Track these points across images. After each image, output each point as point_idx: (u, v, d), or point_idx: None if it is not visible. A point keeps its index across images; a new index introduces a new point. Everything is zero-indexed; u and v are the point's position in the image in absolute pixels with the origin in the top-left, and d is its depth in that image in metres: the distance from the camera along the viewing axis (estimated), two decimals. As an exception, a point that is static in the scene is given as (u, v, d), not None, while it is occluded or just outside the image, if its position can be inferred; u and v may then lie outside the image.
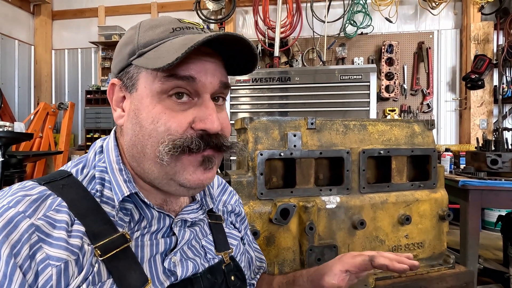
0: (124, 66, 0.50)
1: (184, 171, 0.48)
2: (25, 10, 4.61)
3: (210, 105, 0.49)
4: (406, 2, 4.04)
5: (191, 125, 0.47)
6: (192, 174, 0.49)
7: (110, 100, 0.53)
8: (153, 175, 0.49)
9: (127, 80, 0.50)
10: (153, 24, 0.50)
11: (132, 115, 0.49)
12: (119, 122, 0.52)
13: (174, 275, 0.51)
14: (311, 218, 1.07)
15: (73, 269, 0.42)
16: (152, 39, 0.48)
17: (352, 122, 1.22)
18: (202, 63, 0.48)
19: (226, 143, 0.51)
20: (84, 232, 0.44)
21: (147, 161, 0.48)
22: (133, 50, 0.49)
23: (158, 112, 0.46)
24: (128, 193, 0.48)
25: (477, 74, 3.45)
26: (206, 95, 0.49)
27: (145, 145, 0.47)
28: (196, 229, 0.58)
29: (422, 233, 1.23)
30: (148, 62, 0.46)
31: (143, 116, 0.47)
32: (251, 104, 3.25)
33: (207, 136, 0.48)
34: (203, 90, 0.48)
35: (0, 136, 2.29)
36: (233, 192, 0.76)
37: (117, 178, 0.50)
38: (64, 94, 4.86)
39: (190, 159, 0.48)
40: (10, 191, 0.45)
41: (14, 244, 0.39)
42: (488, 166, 1.83)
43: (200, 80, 0.47)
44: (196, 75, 0.47)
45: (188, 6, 4.35)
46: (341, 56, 3.97)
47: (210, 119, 0.48)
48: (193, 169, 0.49)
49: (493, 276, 2.18)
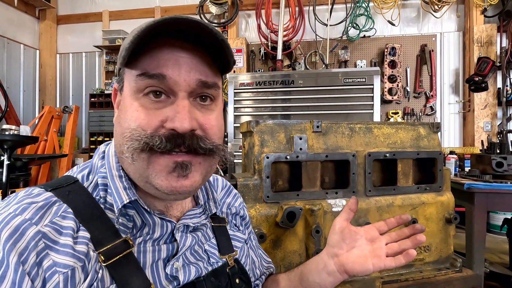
0: (118, 69, 0.51)
1: (156, 175, 0.46)
2: (31, 14, 4.66)
3: (182, 103, 0.46)
4: (408, 5, 4.05)
5: (163, 123, 0.45)
6: (164, 180, 0.46)
7: (113, 103, 0.54)
8: (131, 175, 0.49)
9: (119, 82, 0.51)
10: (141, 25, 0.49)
11: (117, 116, 0.50)
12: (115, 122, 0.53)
13: (176, 280, 0.51)
14: (317, 221, 1.07)
15: (80, 275, 0.42)
16: None
17: (358, 125, 1.22)
18: (175, 59, 0.46)
19: (204, 145, 0.47)
20: (89, 238, 0.45)
21: (125, 160, 0.47)
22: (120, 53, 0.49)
23: (133, 110, 0.46)
24: (127, 201, 0.48)
25: (480, 77, 3.45)
26: (180, 93, 0.46)
27: (122, 143, 0.47)
28: (198, 235, 0.58)
29: (428, 236, 1.22)
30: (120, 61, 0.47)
31: (122, 115, 0.48)
32: (254, 107, 3.26)
33: (177, 136, 0.45)
34: (176, 87, 0.46)
35: (6, 139, 2.31)
36: (237, 195, 0.76)
37: (117, 186, 0.49)
38: (69, 97, 4.90)
39: (160, 163, 0.45)
40: (16, 198, 0.45)
41: (21, 251, 0.39)
42: (493, 169, 1.82)
43: (172, 78, 0.45)
44: (166, 72, 0.45)
45: (191, 10, 4.39)
46: (343, 59, 3.97)
47: (179, 117, 0.45)
48: (165, 174, 0.46)
49: (500, 280, 2.16)
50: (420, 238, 0.61)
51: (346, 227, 0.64)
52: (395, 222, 0.65)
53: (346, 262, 0.61)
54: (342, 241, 0.63)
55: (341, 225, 0.64)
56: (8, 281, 0.38)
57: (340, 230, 0.64)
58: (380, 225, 0.65)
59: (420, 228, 0.63)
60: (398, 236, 0.64)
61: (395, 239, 0.63)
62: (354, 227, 0.64)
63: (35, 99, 4.78)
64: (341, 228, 0.64)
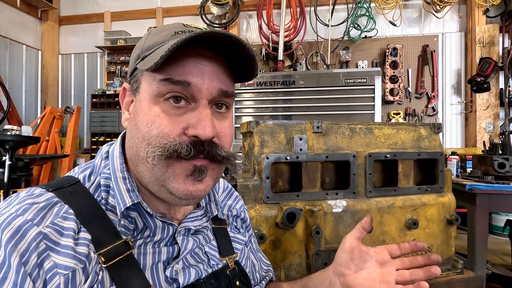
0: (132, 70, 0.52)
1: (174, 179, 0.47)
2: (33, 15, 4.68)
3: (204, 111, 0.47)
4: (410, 6, 4.04)
5: (185, 130, 0.46)
6: (181, 184, 0.47)
7: (122, 104, 0.54)
8: (146, 179, 0.49)
9: (133, 83, 0.51)
10: (160, 29, 0.51)
11: (132, 118, 0.50)
12: (124, 124, 0.53)
13: (176, 282, 0.51)
14: (318, 222, 1.07)
15: (80, 277, 0.42)
16: (154, 43, 0.49)
17: (358, 126, 1.22)
18: (200, 67, 0.47)
19: (221, 153, 0.48)
20: (90, 239, 0.45)
21: (140, 164, 0.48)
22: (138, 54, 0.50)
23: (153, 115, 0.46)
24: (130, 204, 0.48)
25: (482, 77, 3.43)
26: (202, 101, 0.47)
27: (139, 147, 0.47)
28: (199, 237, 0.58)
29: (429, 237, 1.21)
30: (143, 64, 0.47)
31: (140, 118, 0.48)
32: (255, 107, 3.26)
33: (199, 143, 0.46)
34: (199, 95, 0.47)
35: (8, 139, 2.32)
36: (238, 197, 0.76)
37: (120, 188, 0.49)
38: (70, 98, 4.92)
39: (181, 167, 0.46)
40: (17, 199, 0.45)
41: (22, 253, 0.39)
42: (495, 170, 1.81)
43: (196, 85, 0.46)
44: (191, 79, 0.46)
45: (192, 11, 4.40)
46: (345, 59, 3.97)
47: (202, 124, 0.46)
48: (183, 178, 0.47)
49: (502, 282, 2.15)
50: (435, 270, 0.57)
51: (356, 246, 0.61)
52: (409, 248, 0.62)
53: (353, 284, 0.59)
54: (351, 261, 0.60)
55: (351, 244, 0.61)
56: (9, 282, 0.37)
57: (349, 249, 0.61)
58: (392, 248, 0.62)
59: (436, 260, 0.59)
60: (411, 263, 0.60)
61: (407, 266, 0.60)
62: (364, 247, 0.61)
63: (37, 100, 4.80)
64: (351, 247, 0.61)
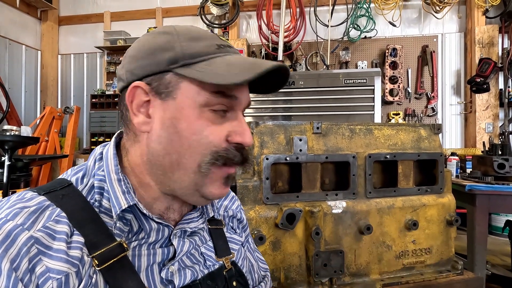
0: (158, 71, 0.48)
1: (212, 184, 0.51)
2: (33, 16, 4.68)
3: (243, 120, 0.52)
4: (409, 6, 4.04)
5: (227, 138, 0.50)
6: (218, 189, 0.51)
7: (129, 103, 0.49)
8: (182, 184, 0.50)
9: (160, 86, 0.48)
10: (194, 36, 0.49)
11: (169, 124, 0.48)
12: (142, 128, 0.49)
13: (171, 284, 0.50)
14: (317, 223, 1.07)
15: (74, 281, 0.41)
16: (198, 52, 0.48)
17: (358, 127, 1.22)
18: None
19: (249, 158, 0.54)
20: (83, 242, 0.44)
21: (180, 170, 0.48)
22: (175, 58, 0.47)
23: (201, 124, 0.48)
24: (126, 206, 0.47)
25: (482, 78, 3.43)
26: (239, 111, 0.52)
27: (182, 155, 0.48)
28: (195, 239, 0.58)
29: (429, 238, 1.21)
30: (203, 75, 0.46)
31: (183, 126, 0.47)
32: (255, 108, 3.26)
33: (242, 150, 0.51)
34: (238, 107, 0.52)
35: (7, 140, 2.31)
36: (235, 197, 0.75)
37: (115, 189, 0.49)
38: (70, 98, 4.91)
39: (220, 174, 0.51)
40: (8, 203, 0.44)
41: (13, 258, 0.38)
42: (495, 171, 1.81)
43: (240, 99, 0.51)
44: (238, 95, 0.50)
45: (192, 11, 4.39)
46: (344, 60, 3.97)
47: (247, 133, 0.51)
48: (219, 183, 0.51)
49: (502, 283, 2.14)
50: None
51: None
52: None
53: None
54: None
55: None
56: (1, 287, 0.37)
57: None
58: None
59: None
60: None
61: None
62: None
63: (37, 100, 4.79)
64: None
